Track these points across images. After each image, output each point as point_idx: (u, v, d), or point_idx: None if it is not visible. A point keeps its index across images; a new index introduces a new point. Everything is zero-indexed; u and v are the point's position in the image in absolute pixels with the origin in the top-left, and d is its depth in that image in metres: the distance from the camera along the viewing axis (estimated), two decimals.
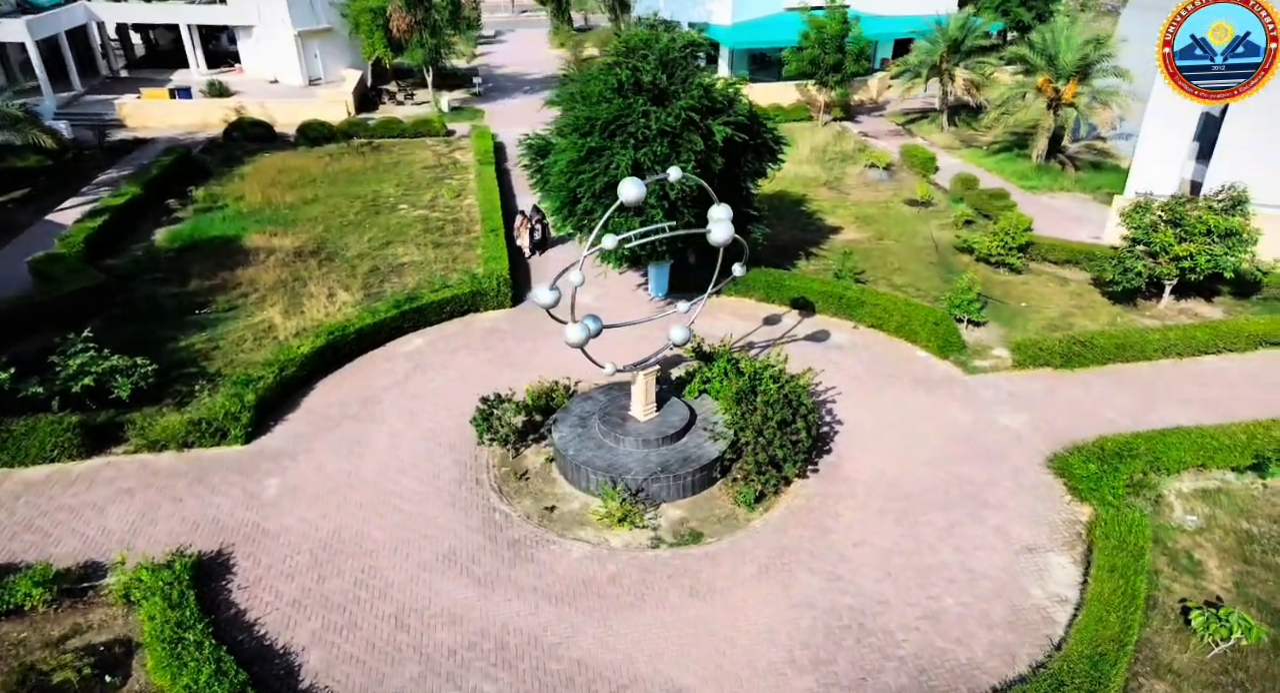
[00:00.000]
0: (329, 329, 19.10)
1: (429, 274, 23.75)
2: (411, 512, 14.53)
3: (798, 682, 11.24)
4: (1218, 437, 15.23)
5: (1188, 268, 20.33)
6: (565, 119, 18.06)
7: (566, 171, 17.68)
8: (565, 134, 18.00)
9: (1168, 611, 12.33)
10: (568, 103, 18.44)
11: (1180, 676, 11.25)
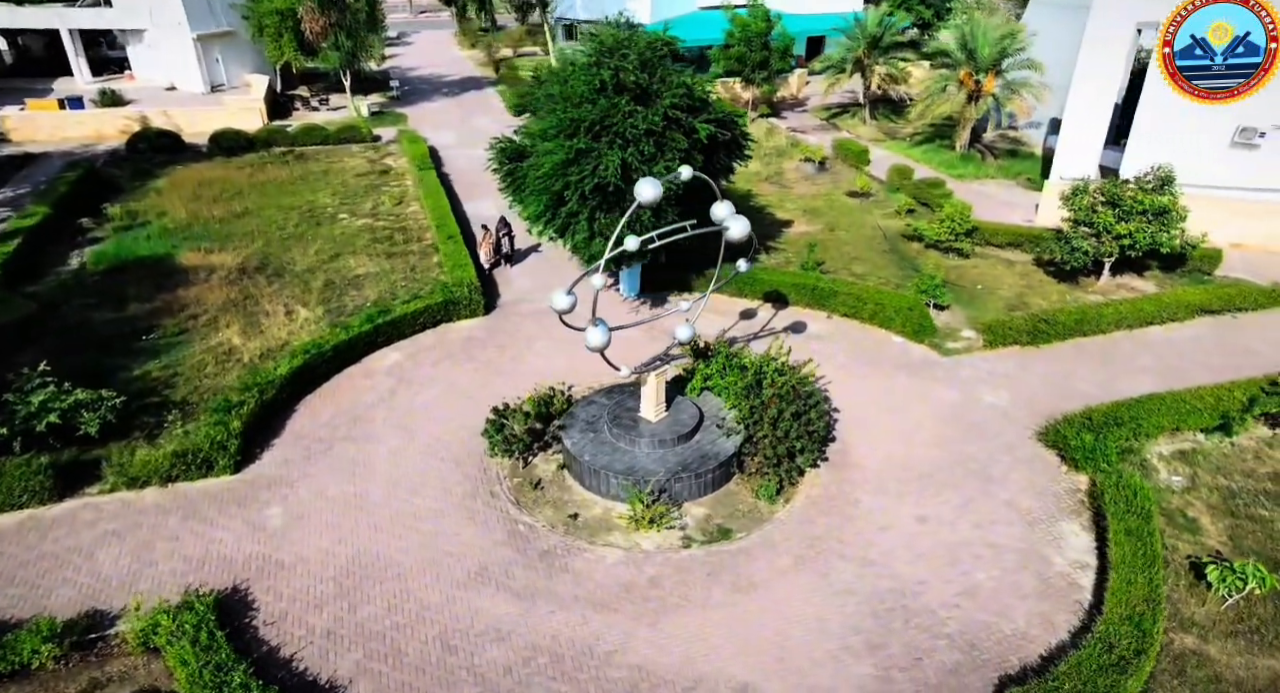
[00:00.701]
0: (304, 348, 18.24)
1: (389, 285, 22.99)
2: (431, 531, 14.06)
3: (857, 668, 11.45)
4: (1190, 401, 16.34)
5: (1127, 245, 21.72)
6: (547, 121, 17.77)
7: (553, 174, 17.42)
8: (549, 136, 17.71)
9: (1177, 567, 13.16)
10: (548, 104, 18.15)
11: (1203, 628, 12.02)
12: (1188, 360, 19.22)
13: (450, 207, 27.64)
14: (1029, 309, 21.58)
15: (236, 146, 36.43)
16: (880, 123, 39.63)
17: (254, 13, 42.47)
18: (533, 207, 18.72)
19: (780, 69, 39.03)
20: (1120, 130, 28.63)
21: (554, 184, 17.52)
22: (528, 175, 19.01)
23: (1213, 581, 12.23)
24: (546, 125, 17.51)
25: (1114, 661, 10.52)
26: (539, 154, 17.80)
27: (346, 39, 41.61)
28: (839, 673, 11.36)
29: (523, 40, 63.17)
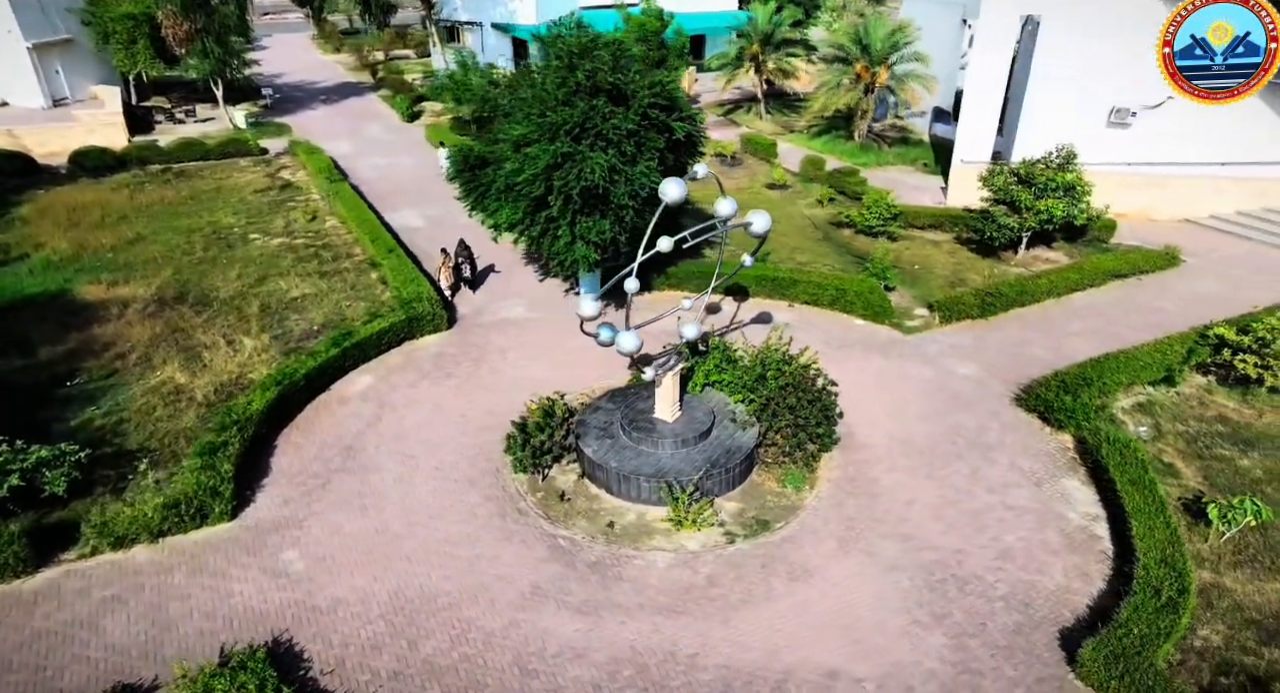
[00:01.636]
0: (274, 379, 16.99)
1: (333, 306, 21.76)
2: (469, 556, 13.49)
3: (931, 639, 11.92)
4: (1140, 357, 17.93)
5: (1045, 220, 23.54)
6: (525, 126, 17.26)
7: (535, 179, 16.98)
8: (529, 140, 17.22)
9: (1173, 510, 14.46)
10: (521, 109, 17.63)
11: (1212, 562, 13.26)
12: (1114, 322, 21.04)
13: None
14: (966, 285, 23.02)
15: (104, 166, 33.42)
16: (775, 117, 40.95)
17: (98, 18, 38.90)
18: (506, 214, 18.18)
19: (677, 67, 39.58)
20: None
21: (536, 189, 17.11)
22: (494, 183, 18.47)
23: (1213, 518, 13.50)
24: (526, 130, 17.05)
25: (1165, 602, 11.46)
26: (520, 159, 17.28)
27: (215, 45, 38.85)
28: (916, 646, 11.79)
29: (394, 43, 60.96)
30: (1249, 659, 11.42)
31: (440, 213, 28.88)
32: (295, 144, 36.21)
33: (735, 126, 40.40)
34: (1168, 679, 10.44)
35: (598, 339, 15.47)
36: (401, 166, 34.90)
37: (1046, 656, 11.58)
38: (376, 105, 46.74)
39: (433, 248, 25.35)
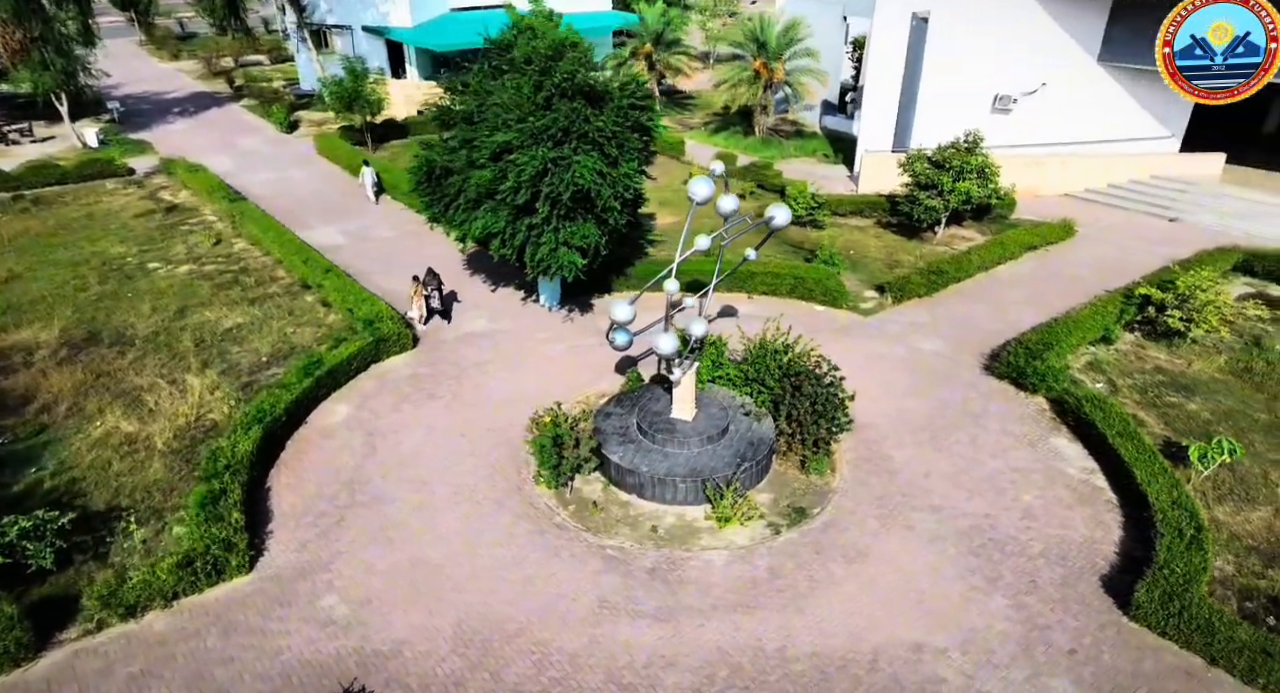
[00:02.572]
0: (254, 416, 15.62)
1: (278, 334, 20.26)
2: (522, 578, 12.98)
3: (993, 603, 12.53)
4: (1082, 320, 19.52)
5: (963, 201, 25.18)
6: (509, 133, 16.61)
7: (522, 187, 16.44)
8: (513, 147, 16.60)
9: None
10: (498, 115, 16.94)
11: (1200, 499, 14.70)
12: (1041, 290, 22.82)
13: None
14: (901, 266, 24.30)
15: None
16: (669, 115, 41.47)
17: None
18: (483, 225, 17.47)
19: None
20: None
21: (521, 197, 16.57)
22: (463, 193, 17.77)
23: (1193, 459, 14.94)
24: (510, 136, 16.44)
25: (1190, 541, 12.59)
26: (500, 167, 16.65)
27: (57, 56, 35.10)
28: (983, 611, 12.38)
29: (245, 48, 57.09)
30: (1262, 583, 12.75)
31: (360, 228, 27.45)
32: (170, 163, 33.30)
33: None
34: (1219, 611, 11.51)
35: (613, 344, 15.31)
36: (296, 181, 32.85)
37: (1097, 604, 12.46)
38: (243, 116, 43.69)
39: (361, 264, 24.15)
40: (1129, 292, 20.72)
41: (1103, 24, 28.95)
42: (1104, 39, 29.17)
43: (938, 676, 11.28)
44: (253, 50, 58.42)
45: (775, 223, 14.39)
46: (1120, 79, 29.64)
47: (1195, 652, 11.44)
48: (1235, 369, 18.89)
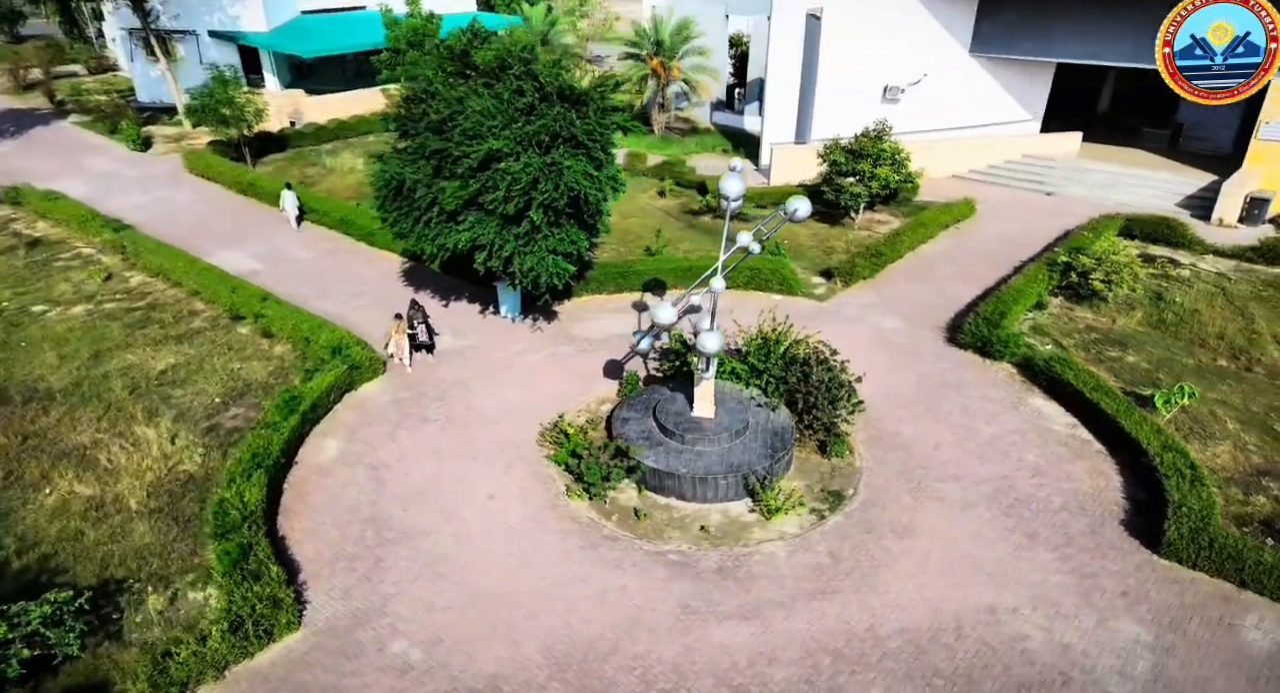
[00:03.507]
0: (251, 463, 14.22)
1: (226, 372, 18.56)
2: (595, 595, 12.60)
3: (1042, 558, 13.30)
4: (1022, 290, 21.07)
5: (882, 186, 26.58)
6: (499, 140, 15.83)
7: (516, 195, 15.79)
8: (503, 155, 15.86)
9: None
10: (479, 122, 16.11)
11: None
12: (966, 265, 24.44)
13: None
14: (835, 251, 25.35)
15: None
16: None
17: None
18: (468, 236, 16.62)
19: None
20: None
21: (512, 206, 15.94)
22: (435, 205, 16.92)
23: (1159, 404, 16.56)
24: (501, 144, 15.73)
25: (1192, 479, 13.94)
26: (497, 174, 15.88)
27: None
28: (1036, 567, 13.17)
29: (56, 58, 51.37)
30: (1248, 509, 14.33)
31: (270, 251, 25.50)
32: (17, 191, 29.51)
33: None
34: (1241, 537, 12.85)
35: (637, 348, 15.14)
36: (174, 203, 30.03)
37: (1126, 547, 13.58)
38: (80, 134, 39.37)
39: (290, 289, 22.48)
40: (1052, 260, 22.58)
41: (972, 19, 31.34)
42: (974, 33, 31.59)
43: (1020, 633, 11.93)
44: (65, 60, 52.71)
45: (799, 215, 14.64)
46: (989, 68, 32.21)
47: (1226, 579, 12.70)
48: (1151, 322, 21.04)
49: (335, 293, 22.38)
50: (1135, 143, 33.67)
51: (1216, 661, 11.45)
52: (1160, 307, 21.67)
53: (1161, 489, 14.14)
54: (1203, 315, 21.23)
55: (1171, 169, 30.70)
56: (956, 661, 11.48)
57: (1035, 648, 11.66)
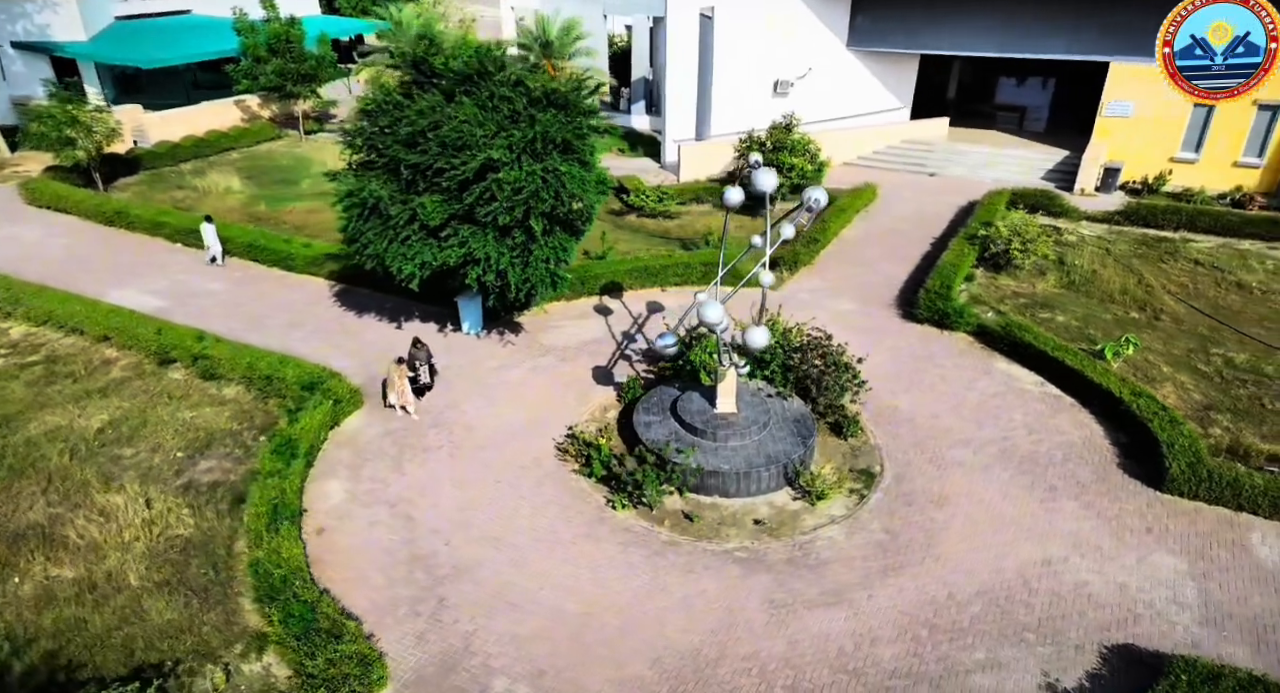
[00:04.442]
0: (268, 518, 12.90)
1: (178, 423, 16.72)
2: (679, 604, 12.39)
3: (1067, 506, 14.29)
4: (957, 265, 22.55)
5: (799, 176, 27.60)
6: (493, 149, 14.99)
7: (517, 204, 15.08)
8: (498, 165, 15.04)
9: None
10: (463, 132, 15.19)
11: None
12: (887, 245, 25.77)
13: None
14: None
15: None
16: None
17: None
18: (462, 252, 15.72)
19: (332, 78, 35.99)
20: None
21: (511, 216, 15.25)
22: (415, 221, 15.95)
23: (1109, 355, 18.27)
24: (498, 154, 14.92)
25: (1168, 418, 15.51)
26: (499, 182, 15.06)
27: None
28: (1066, 516, 14.13)
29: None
30: (1211, 441, 16.03)
31: (173, 286, 23.08)
32: None
33: None
34: (1233, 466, 14.43)
35: (663, 349, 15.03)
36: (28, 241, 26.47)
37: (1132, 487, 14.90)
38: None
39: (216, 326, 20.45)
40: (971, 235, 24.31)
41: (847, 15, 33.12)
42: (849, 28, 33.40)
43: (1080, 580, 12.84)
44: None
45: (820, 203, 14.91)
46: (864, 61, 34.17)
47: (1224, 505, 14.23)
48: (1064, 285, 23.14)
49: (269, 326, 20.58)
50: (991, 125, 36.77)
51: (1245, 578, 12.83)
52: (1065, 270, 23.84)
53: (1140, 432, 15.66)
54: (1101, 275, 23.55)
55: (1028, 147, 33.76)
56: (1037, 614, 12.21)
57: (1097, 591, 12.60)
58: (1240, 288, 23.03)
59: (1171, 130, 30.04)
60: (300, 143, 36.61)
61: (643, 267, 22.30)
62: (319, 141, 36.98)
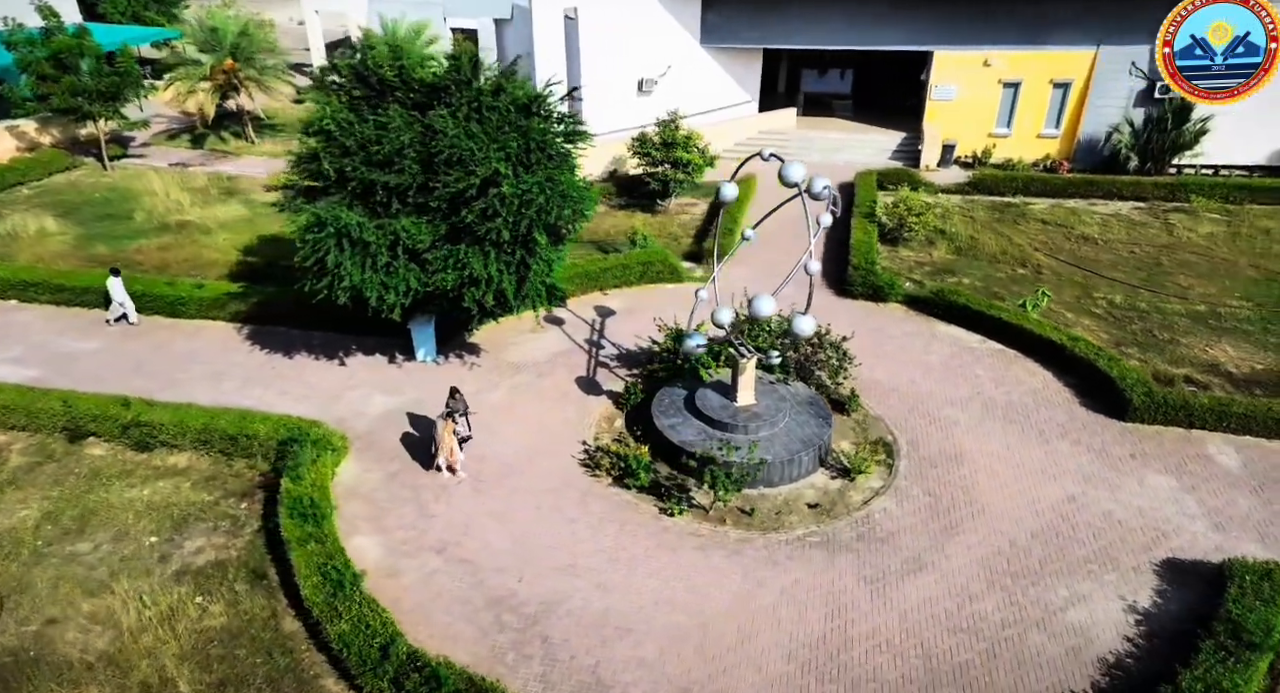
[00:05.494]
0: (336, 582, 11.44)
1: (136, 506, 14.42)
2: (778, 597, 12.47)
3: (1061, 446, 15.79)
4: (865, 241, 24.01)
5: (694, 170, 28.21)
6: (493, 160, 13.91)
7: (524, 217, 14.22)
8: (497, 179, 14.01)
9: None
10: (465, 145, 13.99)
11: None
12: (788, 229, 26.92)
13: None
14: (678, 236, 26.46)
15: None
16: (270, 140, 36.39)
17: None
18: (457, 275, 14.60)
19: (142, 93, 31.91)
20: None
21: (519, 229, 14.39)
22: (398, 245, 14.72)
23: (1029, 307, 20.34)
24: (502, 167, 13.92)
25: (1110, 359, 17.54)
26: (489, 202, 14.06)
27: None
28: (1065, 455, 15.55)
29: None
30: (1134, 364, 18.28)
31: (33, 350, 19.66)
32: None
33: (235, 157, 34.57)
34: (1181, 392, 16.58)
35: (694, 350, 14.99)
36: None
37: (1101, 421, 16.66)
38: None
39: (92, 389, 17.65)
40: (867, 214, 26.00)
41: (699, 13, 34.16)
42: (701, 25, 34.48)
43: (1105, 510, 14.27)
44: None
45: (815, 188, 15.25)
46: (716, 57, 35.41)
47: (1177, 425, 16.31)
48: (953, 251, 25.40)
49: (186, 381, 18.12)
50: (829, 113, 39.41)
51: (1223, 485, 14.84)
52: (948, 238, 26.14)
53: (1085, 373, 17.65)
54: (979, 240, 26.08)
55: (870, 132, 36.50)
56: (1088, 547, 13.43)
57: (1124, 518, 14.07)
58: (1086, 240, 26.34)
59: (988, 109, 33.64)
60: (108, 171, 32.20)
61: (581, 271, 21.87)
62: (132, 168, 32.73)
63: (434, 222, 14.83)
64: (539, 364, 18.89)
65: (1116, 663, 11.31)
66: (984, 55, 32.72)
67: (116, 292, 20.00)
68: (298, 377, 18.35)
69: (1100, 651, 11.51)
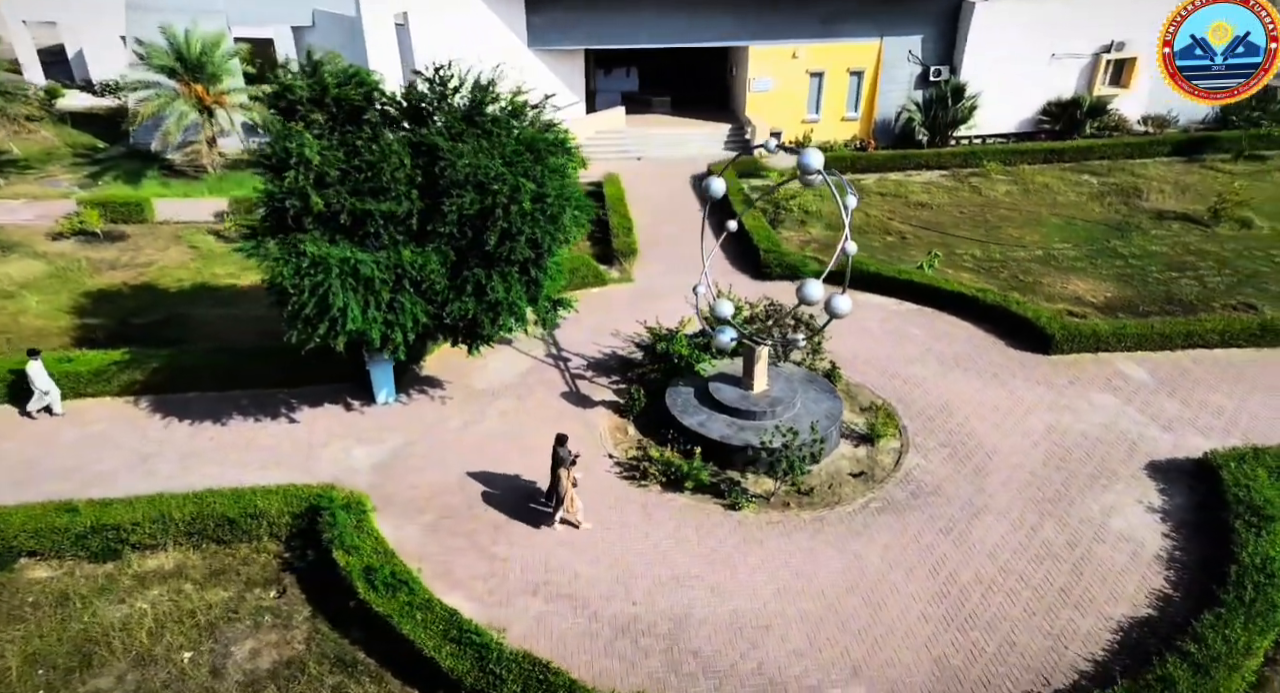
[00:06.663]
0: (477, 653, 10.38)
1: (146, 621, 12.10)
2: (876, 572, 13.06)
3: (1019, 385, 17.76)
4: (763, 227, 25.26)
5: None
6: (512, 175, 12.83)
7: (551, 229, 13.42)
8: (514, 198, 12.98)
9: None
10: (458, 162, 12.74)
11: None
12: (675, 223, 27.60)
13: None
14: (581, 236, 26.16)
15: None
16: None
17: None
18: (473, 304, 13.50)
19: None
20: None
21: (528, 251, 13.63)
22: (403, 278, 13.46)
23: (926, 268, 22.58)
24: (526, 183, 12.94)
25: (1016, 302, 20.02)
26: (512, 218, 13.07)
27: None
28: (1027, 392, 17.51)
29: None
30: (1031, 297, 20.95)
31: None
32: None
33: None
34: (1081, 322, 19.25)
35: (716, 340, 15.29)
36: None
37: (1032, 357, 18.88)
38: None
39: (59, 492, 14.71)
40: (747, 202, 27.29)
41: (523, 16, 33.75)
42: (527, 28, 34.11)
43: (1081, 431, 16.30)
44: None
45: (850, 202, 15.75)
46: (544, 59, 35.21)
47: (1086, 351, 18.92)
48: (827, 227, 27.44)
49: (108, 474, 15.20)
50: (649, 110, 40.52)
51: (1147, 393, 17.52)
52: (815, 217, 28.17)
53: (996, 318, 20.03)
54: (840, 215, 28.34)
55: (697, 125, 37.94)
56: (1090, 465, 15.34)
57: (1098, 435, 16.20)
58: (923, 206, 29.54)
59: (799, 98, 36.58)
60: None
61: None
62: None
63: (439, 248, 13.70)
64: (513, 387, 18.04)
65: (1170, 557, 13.11)
66: (792, 48, 35.45)
67: (38, 377, 16.28)
68: (249, 443, 16.10)
69: (1154, 549, 13.28)
